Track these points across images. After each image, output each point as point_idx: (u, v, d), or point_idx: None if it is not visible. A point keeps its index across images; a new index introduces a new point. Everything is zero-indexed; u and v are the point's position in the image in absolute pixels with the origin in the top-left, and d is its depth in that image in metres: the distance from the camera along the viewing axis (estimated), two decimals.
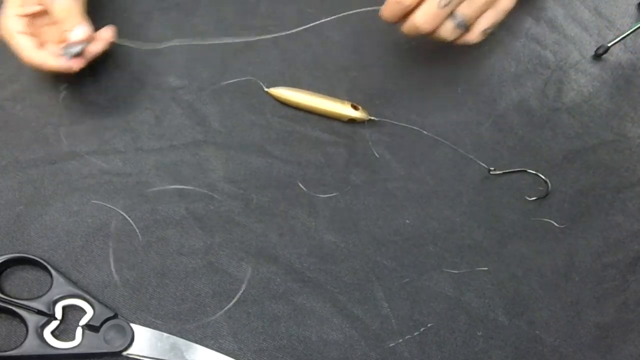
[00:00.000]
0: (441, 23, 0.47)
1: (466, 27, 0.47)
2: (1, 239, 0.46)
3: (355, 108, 0.55)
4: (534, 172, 0.54)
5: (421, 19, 0.46)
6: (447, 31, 0.47)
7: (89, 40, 0.48)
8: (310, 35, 0.63)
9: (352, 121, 0.56)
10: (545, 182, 0.54)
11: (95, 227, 0.47)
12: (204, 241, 0.48)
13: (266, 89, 0.57)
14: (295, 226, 0.49)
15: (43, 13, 0.48)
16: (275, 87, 0.57)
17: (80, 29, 0.47)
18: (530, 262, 0.50)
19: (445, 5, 0.45)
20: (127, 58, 0.59)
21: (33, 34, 0.48)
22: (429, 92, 0.60)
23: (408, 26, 0.47)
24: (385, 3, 0.47)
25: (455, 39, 0.48)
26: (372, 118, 0.55)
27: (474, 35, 0.49)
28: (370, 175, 0.53)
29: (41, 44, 0.48)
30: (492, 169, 0.54)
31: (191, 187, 0.50)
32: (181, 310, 0.44)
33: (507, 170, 0.55)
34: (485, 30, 0.49)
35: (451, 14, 0.46)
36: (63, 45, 0.47)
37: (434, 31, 0.47)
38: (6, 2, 0.47)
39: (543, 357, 0.45)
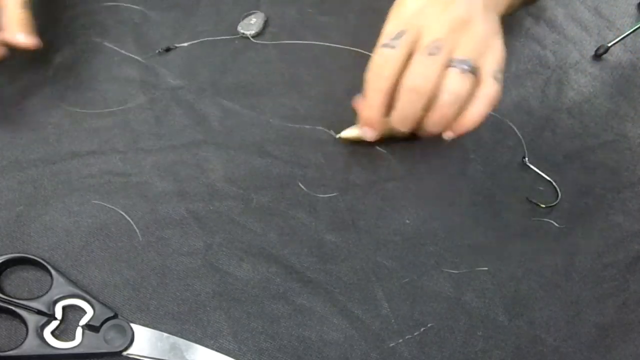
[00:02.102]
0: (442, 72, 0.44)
1: (473, 69, 0.45)
2: (1, 239, 0.46)
3: None
4: (554, 183, 0.53)
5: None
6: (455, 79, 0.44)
7: None
8: (310, 34, 0.63)
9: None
10: (556, 190, 0.53)
11: (95, 227, 0.47)
12: (204, 241, 0.48)
13: (337, 136, 0.54)
14: (295, 226, 0.49)
15: None
16: (346, 131, 0.54)
17: None
18: (530, 262, 0.50)
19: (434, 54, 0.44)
20: (126, 58, 0.59)
21: None
22: None
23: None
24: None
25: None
26: None
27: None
28: (370, 175, 0.53)
29: None
30: (526, 159, 0.54)
31: (191, 187, 0.50)
32: (181, 310, 0.44)
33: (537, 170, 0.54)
34: None
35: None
36: None
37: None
38: None
39: (543, 357, 0.45)
